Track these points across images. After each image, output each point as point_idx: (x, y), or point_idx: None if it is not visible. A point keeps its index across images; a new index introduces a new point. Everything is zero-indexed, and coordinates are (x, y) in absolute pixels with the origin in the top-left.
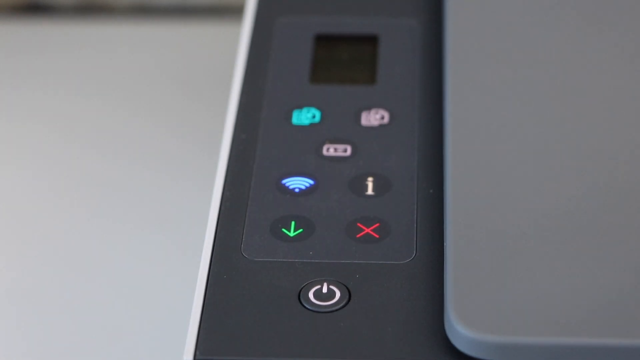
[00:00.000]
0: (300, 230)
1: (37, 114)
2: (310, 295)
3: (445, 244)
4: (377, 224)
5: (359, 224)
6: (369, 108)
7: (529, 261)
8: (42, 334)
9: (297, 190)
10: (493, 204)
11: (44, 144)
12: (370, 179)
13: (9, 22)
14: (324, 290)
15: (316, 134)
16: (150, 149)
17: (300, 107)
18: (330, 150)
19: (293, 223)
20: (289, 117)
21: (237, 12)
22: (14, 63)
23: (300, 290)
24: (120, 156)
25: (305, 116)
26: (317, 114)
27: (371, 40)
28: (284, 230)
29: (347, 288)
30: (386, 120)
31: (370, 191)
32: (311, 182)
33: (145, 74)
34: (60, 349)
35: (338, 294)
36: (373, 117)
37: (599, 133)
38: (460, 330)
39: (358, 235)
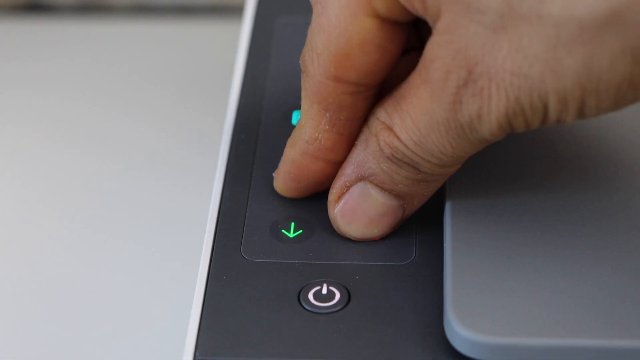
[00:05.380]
0: (300, 231)
1: (37, 113)
2: (310, 296)
3: (444, 245)
4: None
5: None
6: None
7: (527, 263)
8: (41, 334)
9: None
10: (492, 205)
11: (43, 143)
12: None
13: (9, 21)
14: (324, 291)
15: None
16: (149, 149)
17: (299, 107)
18: None
19: (293, 224)
20: (289, 117)
21: (237, 11)
22: (14, 62)
23: (300, 291)
24: (120, 156)
25: None
26: None
27: None
28: (283, 231)
29: (347, 289)
30: None
31: None
32: None
33: (145, 74)
34: (60, 349)
35: (338, 295)
36: None
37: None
38: (459, 331)
39: None
